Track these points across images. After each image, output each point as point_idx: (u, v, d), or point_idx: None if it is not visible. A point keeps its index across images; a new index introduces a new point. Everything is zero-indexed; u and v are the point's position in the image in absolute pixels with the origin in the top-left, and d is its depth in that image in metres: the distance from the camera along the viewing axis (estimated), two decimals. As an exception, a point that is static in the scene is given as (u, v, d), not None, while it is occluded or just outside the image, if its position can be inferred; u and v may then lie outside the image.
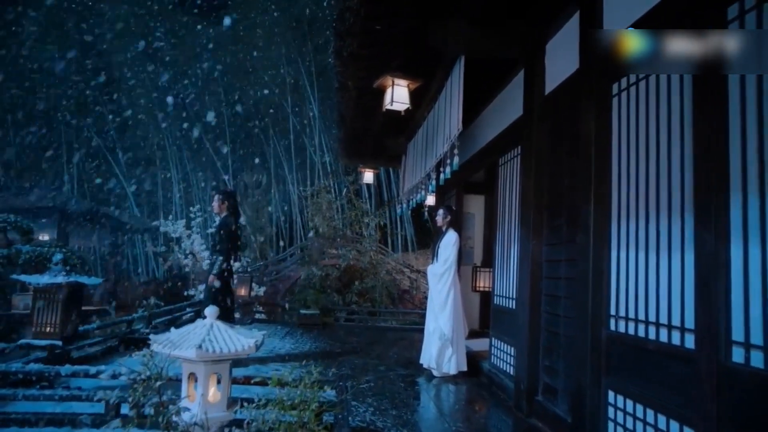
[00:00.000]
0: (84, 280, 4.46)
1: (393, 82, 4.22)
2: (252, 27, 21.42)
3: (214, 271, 5.01)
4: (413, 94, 4.69)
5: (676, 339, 2.31)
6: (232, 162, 22.86)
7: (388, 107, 4.31)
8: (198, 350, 2.47)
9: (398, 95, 4.25)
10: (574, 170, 3.45)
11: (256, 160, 22.78)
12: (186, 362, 2.63)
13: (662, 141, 2.53)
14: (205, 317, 2.75)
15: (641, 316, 2.59)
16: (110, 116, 22.55)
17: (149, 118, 22.03)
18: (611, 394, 2.81)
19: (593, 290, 3.01)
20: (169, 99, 22.16)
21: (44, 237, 13.21)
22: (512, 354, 4.48)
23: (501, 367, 4.80)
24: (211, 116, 22.71)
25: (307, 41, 20.79)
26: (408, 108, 4.37)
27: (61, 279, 4.23)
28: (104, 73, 22.34)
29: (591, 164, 3.12)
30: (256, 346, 2.67)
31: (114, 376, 3.01)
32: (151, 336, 2.60)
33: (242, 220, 18.48)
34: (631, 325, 2.68)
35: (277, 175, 22.49)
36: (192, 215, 13.34)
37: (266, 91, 21.57)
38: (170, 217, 14.35)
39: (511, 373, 4.44)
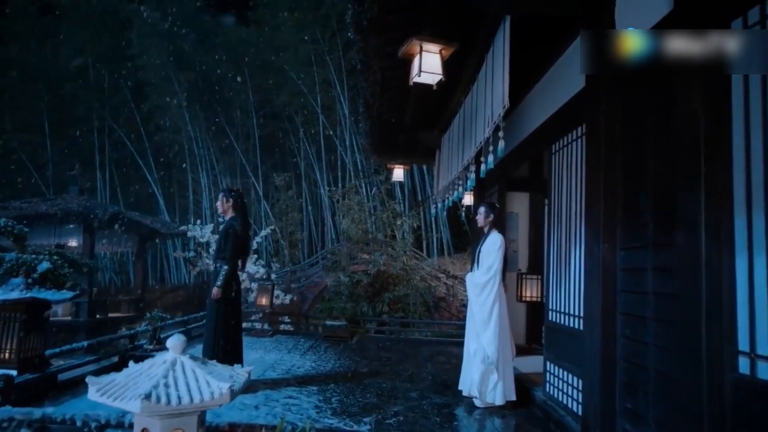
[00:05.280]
0: (48, 296, 3.77)
1: (421, 47, 3.37)
2: (280, 26, 21.06)
3: (218, 283, 4.26)
4: (447, 71, 3.87)
5: None
6: (261, 164, 22.52)
7: (416, 80, 3.47)
8: (144, 402, 1.75)
9: (428, 64, 3.40)
10: (663, 152, 2.58)
11: (286, 162, 22.42)
12: (137, 414, 1.92)
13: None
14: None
15: (801, 359, 1.71)
16: (141, 121, 22.61)
17: (179, 121, 21.94)
18: (745, 469, 1.92)
19: (707, 314, 2.13)
20: (198, 101, 22.04)
21: (72, 243, 13.02)
22: (576, 386, 3.59)
23: (560, 399, 3.91)
24: (239, 118, 22.49)
25: (336, 39, 20.25)
26: (441, 80, 3.52)
27: (16, 295, 3.60)
28: (134, 77, 22.45)
29: (699, 141, 2.24)
30: (231, 393, 1.93)
31: (64, 421, 2.32)
32: (89, 378, 1.89)
33: (271, 223, 18.04)
34: (781, 370, 1.79)
35: (307, 177, 22.02)
36: (220, 219, 12.85)
37: (295, 91, 21.13)
38: (198, 221, 13.97)
39: (575, 410, 3.55)
